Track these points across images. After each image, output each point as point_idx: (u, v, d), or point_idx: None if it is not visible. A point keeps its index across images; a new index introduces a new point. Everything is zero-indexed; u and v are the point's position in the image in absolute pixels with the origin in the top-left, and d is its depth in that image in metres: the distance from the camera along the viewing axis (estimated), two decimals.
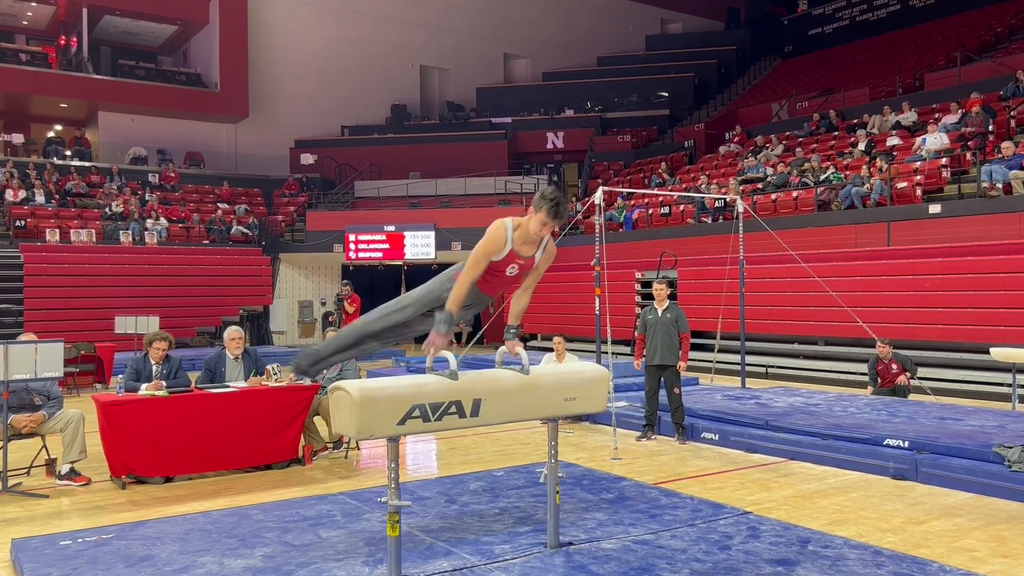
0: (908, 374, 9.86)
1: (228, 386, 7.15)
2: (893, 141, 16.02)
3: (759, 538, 4.84)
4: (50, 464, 6.86)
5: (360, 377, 7.33)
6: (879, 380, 10.00)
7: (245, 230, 21.56)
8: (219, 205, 22.52)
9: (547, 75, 30.09)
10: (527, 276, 4.23)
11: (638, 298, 16.14)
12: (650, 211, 18.24)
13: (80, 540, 4.86)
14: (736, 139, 21.80)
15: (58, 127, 26.19)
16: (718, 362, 12.87)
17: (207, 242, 20.82)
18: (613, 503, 5.63)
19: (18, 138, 23.30)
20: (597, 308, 9.21)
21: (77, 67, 24.03)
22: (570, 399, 4.41)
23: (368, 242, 20.61)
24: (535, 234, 4.05)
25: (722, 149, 21.56)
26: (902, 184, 13.58)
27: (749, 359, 12.22)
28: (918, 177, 13.63)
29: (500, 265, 4.08)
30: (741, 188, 16.40)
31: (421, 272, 20.74)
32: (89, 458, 6.81)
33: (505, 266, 4.10)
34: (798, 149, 18.08)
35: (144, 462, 6.55)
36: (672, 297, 8.82)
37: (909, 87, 20.06)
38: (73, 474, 6.62)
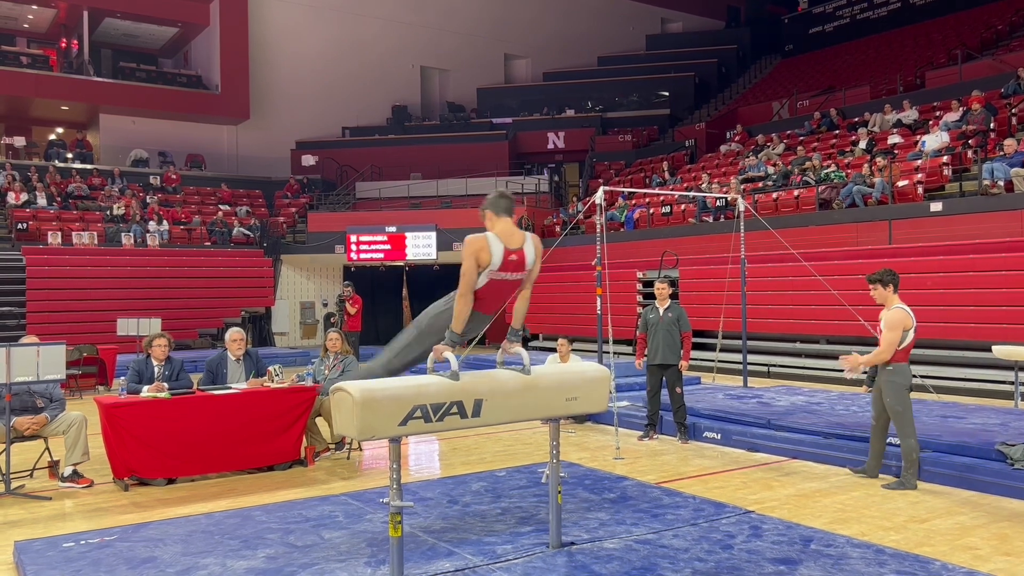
0: None
1: (230, 387, 7.16)
2: (894, 139, 16.01)
3: (761, 537, 4.83)
4: (53, 466, 6.87)
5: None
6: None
7: (246, 232, 21.57)
8: (220, 207, 22.53)
9: (547, 75, 30.10)
10: (526, 279, 4.34)
11: (639, 297, 16.14)
12: (651, 210, 18.23)
13: (83, 542, 4.87)
14: (737, 138, 21.79)
15: (59, 130, 26.22)
16: (720, 361, 12.86)
17: (208, 244, 20.83)
18: (615, 503, 5.63)
19: (19, 141, 23.31)
20: (598, 308, 9.21)
21: (78, 70, 24.06)
22: (571, 399, 4.41)
23: (369, 243, 20.61)
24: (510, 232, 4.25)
25: (723, 148, 21.54)
26: (903, 182, 13.57)
27: (751, 358, 12.21)
28: (919, 175, 13.62)
29: (505, 267, 4.18)
30: (742, 187, 16.40)
31: (423, 273, 20.85)
32: (92, 460, 6.82)
33: (508, 270, 4.19)
34: (799, 148, 18.07)
35: (146, 464, 6.55)
36: (674, 296, 8.82)
37: (910, 85, 20.05)
38: (76, 476, 6.63)
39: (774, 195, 15.63)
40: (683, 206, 17.54)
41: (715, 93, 28.86)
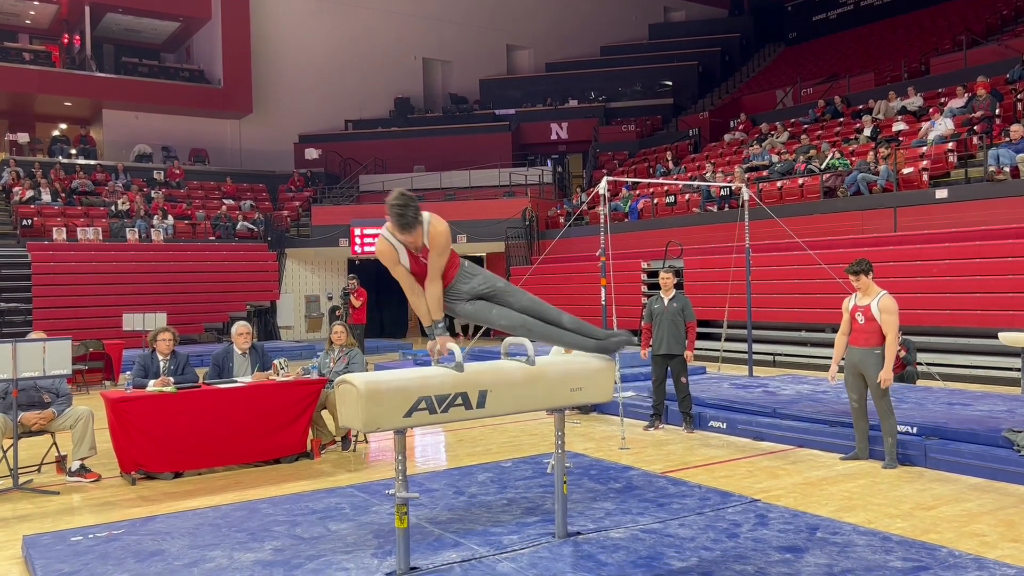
0: (905, 358, 9.83)
1: (236, 381, 7.17)
2: (899, 126, 15.94)
3: (767, 525, 4.83)
4: (60, 461, 6.89)
5: (367, 370, 7.35)
6: None
7: (251, 226, 21.59)
8: (224, 201, 22.56)
9: (550, 66, 30.01)
10: (430, 264, 4.12)
11: (644, 288, 16.12)
12: (655, 200, 18.19)
13: (91, 536, 4.89)
14: (741, 127, 21.72)
15: (63, 126, 26.24)
16: (725, 351, 12.84)
17: (213, 238, 20.87)
18: (621, 492, 5.63)
19: (23, 137, 23.35)
20: (603, 298, 9.20)
21: (81, 65, 24.06)
22: (576, 389, 4.40)
23: (374, 236, 20.51)
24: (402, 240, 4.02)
25: (727, 137, 21.48)
26: (908, 169, 13.51)
27: (756, 347, 12.19)
28: (924, 162, 13.56)
29: (414, 267, 4.07)
30: (746, 176, 16.34)
31: None
32: (99, 455, 6.84)
33: (415, 266, 4.08)
34: (803, 136, 18.00)
35: (153, 458, 6.58)
36: (678, 286, 8.81)
37: (915, 72, 19.93)
38: (83, 471, 6.66)
39: (778, 184, 15.58)
40: (687, 196, 17.49)
41: (719, 82, 28.74)
